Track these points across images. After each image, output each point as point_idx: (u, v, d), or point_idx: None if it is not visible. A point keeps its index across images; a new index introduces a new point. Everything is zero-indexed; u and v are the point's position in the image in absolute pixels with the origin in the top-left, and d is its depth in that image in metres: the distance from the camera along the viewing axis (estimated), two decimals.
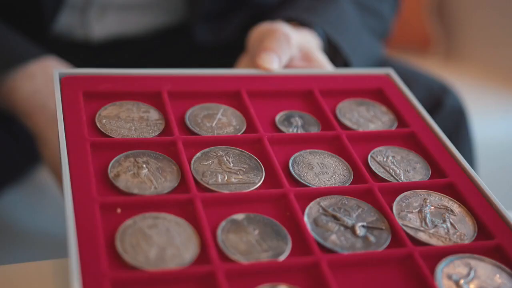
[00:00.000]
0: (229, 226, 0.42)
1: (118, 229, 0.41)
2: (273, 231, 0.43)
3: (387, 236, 0.44)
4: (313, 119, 0.54)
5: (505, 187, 1.13)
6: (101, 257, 0.38)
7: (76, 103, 0.50)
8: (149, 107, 0.51)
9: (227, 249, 0.41)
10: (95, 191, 0.43)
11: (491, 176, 1.02)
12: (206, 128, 0.51)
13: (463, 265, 0.42)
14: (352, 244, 0.43)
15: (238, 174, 0.47)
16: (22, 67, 0.68)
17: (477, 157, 0.89)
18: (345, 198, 0.46)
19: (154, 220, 0.42)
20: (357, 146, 0.52)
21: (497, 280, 0.41)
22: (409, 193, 0.48)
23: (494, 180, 1.07)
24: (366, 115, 0.55)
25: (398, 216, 0.45)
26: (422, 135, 0.53)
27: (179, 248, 0.40)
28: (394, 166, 0.50)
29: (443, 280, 0.41)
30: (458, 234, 0.45)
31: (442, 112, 0.77)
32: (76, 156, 0.45)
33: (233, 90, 0.54)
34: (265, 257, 0.41)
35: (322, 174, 0.48)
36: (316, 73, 0.58)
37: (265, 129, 0.51)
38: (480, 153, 1.04)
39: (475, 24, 1.49)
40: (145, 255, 0.39)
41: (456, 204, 0.47)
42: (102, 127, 0.49)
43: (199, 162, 0.47)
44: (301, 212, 0.44)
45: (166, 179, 0.45)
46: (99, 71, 0.53)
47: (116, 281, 0.37)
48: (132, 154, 0.47)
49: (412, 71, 0.82)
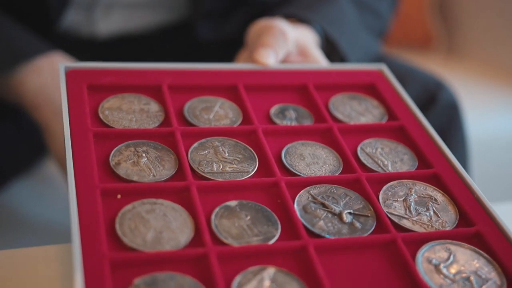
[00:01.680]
0: (223, 212, 0.45)
1: (117, 213, 0.43)
2: (264, 217, 0.45)
3: (372, 223, 0.46)
4: (307, 112, 0.56)
5: (498, 182, 1.15)
6: (101, 239, 0.41)
7: (80, 95, 0.52)
8: (150, 100, 0.54)
9: (219, 233, 0.43)
10: (97, 178, 0.45)
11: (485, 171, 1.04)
12: (204, 120, 0.53)
13: (443, 250, 0.45)
14: (338, 230, 0.45)
15: (233, 163, 0.49)
16: (29, 62, 0.70)
17: (472, 152, 0.91)
18: (334, 187, 0.49)
19: (152, 205, 0.44)
20: (348, 138, 0.54)
21: (475, 264, 0.44)
22: (395, 182, 0.50)
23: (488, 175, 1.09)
24: (358, 108, 0.58)
25: (383, 204, 0.48)
26: (410, 128, 0.55)
27: (175, 231, 0.43)
28: (382, 157, 0.53)
29: (424, 264, 0.43)
30: (440, 221, 0.47)
31: (436, 107, 0.80)
32: (80, 145, 0.48)
33: (231, 84, 0.57)
34: (255, 241, 0.43)
35: (313, 164, 0.51)
36: (310, 68, 0.61)
37: (260, 121, 0.54)
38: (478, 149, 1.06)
39: (477, 22, 1.50)
40: (143, 237, 0.42)
41: (439, 194, 0.50)
42: (105, 118, 0.51)
43: (196, 152, 0.50)
44: (291, 200, 0.47)
45: (164, 168, 0.48)
46: (102, 65, 0.55)
47: (115, 262, 0.40)
48: (132, 143, 0.49)
49: (408, 68, 0.84)
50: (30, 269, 0.48)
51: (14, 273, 0.48)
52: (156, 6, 0.87)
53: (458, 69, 1.45)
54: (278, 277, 0.41)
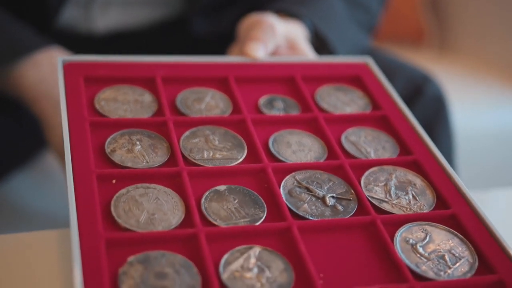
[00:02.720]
0: (212, 196, 0.48)
1: (113, 197, 0.46)
2: (251, 200, 0.48)
3: (354, 206, 0.49)
4: (294, 103, 0.59)
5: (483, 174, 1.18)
6: (97, 221, 0.44)
7: (78, 87, 0.55)
8: (144, 91, 0.56)
9: (209, 215, 0.46)
10: (93, 164, 0.48)
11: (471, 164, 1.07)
12: (195, 110, 0.56)
13: (420, 231, 0.47)
14: (321, 212, 0.48)
15: (223, 150, 0.52)
16: (29, 56, 0.72)
17: (460, 145, 0.94)
18: (318, 173, 0.51)
19: (145, 189, 0.47)
20: (333, 127, 0.57)
21: (450, 244, 0.46)
22: (377, 168, 0.53)
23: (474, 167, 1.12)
24: (343, 99, 0.60)
25: (365, 188, 0.50)
26: (393, 118, 0.58)
27: (167, 213, 0.45)
28: (365, 145, 0.55)
29: (401, 244, 0.46)
30: (418, 204, 0.50)
31: (422, 100, 0.82)
32: (77, 134, 0.50)
33: (222, 76, 0.60)
34: (242, 222, 0.46)
35: (299, 151, 0.53)
36: (298, 61, 0.63)
37: (249, 111, 0.56)
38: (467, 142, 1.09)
39: (469, 18, 1.53)
40: (136, 219, 0.45)
41: (419, 179, 0.52)
42: (101, 108, 0.54)
43: (188, 140, 0.52)
44: (277, 185, 0.49)
45: (157, 155, 0.50)
46: (98, 58, 0.58)
47: (110, 241, 0.43)
48: (127, 132, 0.52)
49: (396, 61, 0.86)
50: (29, 253, 0.51)
51: (13, 257, 0.50)
52: (153, 2, 0.90)
53: (450, 64, 1.47)
54: (263, 256, 0.43)
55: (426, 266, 0.44)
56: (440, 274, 0.44)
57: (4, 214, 0.87)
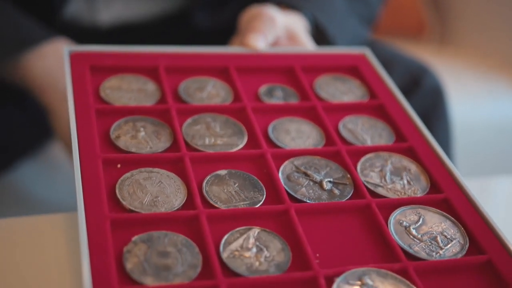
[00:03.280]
0: (213, 180, 0.49)
1: (117, 180, 0.48)
2: (251, 184, 0.50)
3: (350, 190, 0.51)
4: (293, 92, 0.61)
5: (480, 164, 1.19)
6: (103, 203, 0.45)
7: (83, 76, 0.57)
8: (148, 80, 0.58)
9: (210, 198, 0.48)
10: (98, 149, 0.50)
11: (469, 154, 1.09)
12: (197, 98, 0.58)
13: (413, 214, 0.49)
14: (318, 196, 0.50)
15: (223, 137, 0.54)
16: (35, 47, 0.74)
17: (457, 136, 0.95)
18: (316, 159, 0.53)
19: (148, 173, 0.49)
20: (331, 115, 0.58)
21: (442, 226, 0.48)
22: (373, 154, 0.54)
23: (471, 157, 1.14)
24: (341, 88, 0.62)
25: (361, 173, 0.52)
26: (389, 107, 0.60)
27: (169, 196, 0.47)
28: (362, 133, 0.57)
29: (395, 226, 0.48)
30: (412, 189, 0.52)
31: (420, 91, 0.84)
32: (83, 121, 0.52)
33: (223, 66, 0.61)
34: (242, 205, 0.48)
35: (297, 138, 0.55)
36: (297, 51, 0.65)
37: (249, 99, 0.58)
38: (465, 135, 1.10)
39: (470, 12, 1.54)
40: (140, 201, 0.46)
41: (413, 165, 0.54)
42: (106, 96, 0.56)
43: (190, 127, 0.54)
44: (276, 170, 0.51)
45: (160, 140, 0.52)
46: (104, 48, 0.60)
47: (115, 221, 0.44)
48: (131, 119, 0.54)
49: (394, 53, 0.88)
50: (37, 235, 0.53)
51: (22, 238, 0.52)
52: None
53: (450, 58, 1.49)
54: (262, 236, 0.45)
55: (418, 247, 0.46)
56: (432, 255, 0.46)
57: (11, 202, 0.89)
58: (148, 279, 0.41)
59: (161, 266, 0.42)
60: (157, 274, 0.41)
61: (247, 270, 0.42)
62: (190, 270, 0.42)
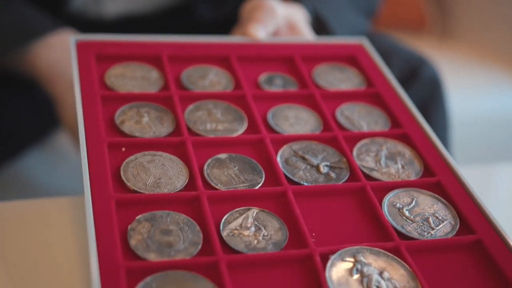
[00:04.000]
0: (214, 163, 0.51)
1: (122, 163, 0.50)
2: (250, 167, 0.52)
3: (346, 174, 0.52)
4: (292, 80, 0.62)
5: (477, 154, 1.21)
6: (108, 184, 0.47)
7: (89, 64, 0.59)
8: (151, 68, 0.60)
9: (211, 180, 0.50)
10: (104, 134, 0.52)
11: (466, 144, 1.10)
12: (199, 86, 0.59)
13: (406, 196, 0.51)
14: (315, 179, 0.52)
15: (224, 123, 0.56)
16: (42, 38, 0.76)
17: (456, 129, 0.97)
18: (313, 144, 0.55)
19: (152, 156, 0.51)
20: (329, 102, 0.60)
21: (434, 208, 0.50)
22: (368, 140, 0.56)
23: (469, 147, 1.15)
24: (339, 77, 0.64)
25: (357, 158, 0.54)
26: (385, 94, 0.62)
27: (172, 178, 0.49)
28: (359, 119, 0.59)
29: (389, 208, 0.50)
30: (406, 173, 0.53)
31: (418, 82, 0.85)
32: (89, 107, 0.54)
33: (224, 55, 0.63)
34: (242, 187, 0.50)
35: (296, 124, 0.57)
36: (297, 41, 0.67)
37: (250, 87, 0.60)
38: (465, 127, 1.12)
39: (471, 5, 1.55)
40: (144, 182, 0.48)
41: (408, 150, 0.56)
42: (111, 84, 0.58)
43: (192, 113, 0.56)
44: (275, 154, 0.53)
45: (164, 126, 0.54)
46: (109, 38, 0.62)
47: (120, 201, 0.46)
48: (135, 105, 0.56)
49: (393, 44, 0.90)
50: (45, 217, 0.55)
51: (30, 220, 0.54)
52: None
53: (451, 51, 1.50)
54: (260, 216, 0.47)
55: (411, 227, 0.48)
56: (424, 235, 0.48)
57: (17, 190, 0.91)
58: (151, 255, 0.43)
59: (163, 243, 0.44)
60: (159, 251, 0.43)
61: (245, 248, 0.44)
62: (191, 247, 0.44)
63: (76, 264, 0.48)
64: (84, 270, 0.48)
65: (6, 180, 0.91)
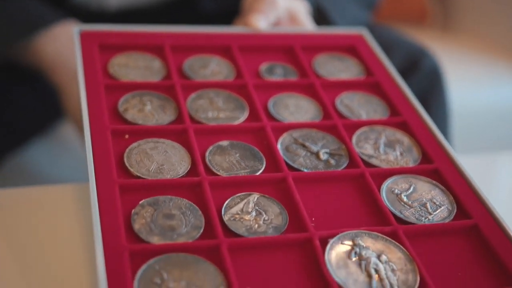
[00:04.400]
0: (215, 150, 0.52)
1: (125, 150, 0.51)
2: (251, 154, 0.53)
3: (345, 161, 0.53)
4: (293, 70, 0.63)
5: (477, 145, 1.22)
6: (112, 169, 0.48)
7: (93, 54, 0.60)
8: (154, 58, 0.61)
9: (212, 166, 0.51)
10: (107, 121, 0.53)
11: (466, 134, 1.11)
12: (201, 75, 0.60)
13: (405, 182, 0.52)
14: (315, 166, 0.53)
15: (226, 111, 0.57)
16: (46, 30, 0.77)
17: (457, 120, 0.98)
18: (313, 131, 0.56)
19: (155, 143, 0.52)
20: (329, 91, 0.61)
21: (432, 193, 0.51)
22: (367, 128, 0.57)
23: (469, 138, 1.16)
24: (339, 66, 0.65)
25: (356, 145, 0.55)
26: (384, 84, 0.62)
27: (174, 164, 0.50)
28: (358, 108, 0.60)
29: (387, 194, 0.50)
30: (404, 160, 0.54)
31: (418, 73, 0.86)
32: (93, 95, 0.55)
33: (226, 45, 0.64)
34: (243, 173, 0.51)
35: (296, 113, 0.58)
36: (297, 31, 0.68)
37: (251, 76, 0.61)
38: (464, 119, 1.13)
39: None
40: (147, 168, 0.49)
41: (406, 137, 0.57)
42: (114, 73, 0.59)
43: (194, 101, 0.57)
44: (275, 141, 0.54)
45: (166, 114, 0.55)
46: (112, 28, 0.63)
47: (123, 186, 0.47)
48: (138, 94, 0.57)
49: (394, 36, 0.90)
50: (50, 203, 0.56)
51: (35, 206, 0.55)
52: None
53: (452, 44, 1.51)
54: (261, 201, 0.48)
55: (409, 212, 0.49)
56: (421, 219, 0.49)
57: (22, 180, 0.92)
58: (154, 238, 0.44)
59: (166, 226, 0.45)
60: (162, 234, 0.44)
61: (246, 231, 0.45)
62: (193, 231, 0.45)
63: (81, 247, 0.49)
64: (89, 253, 0.49)
65: (10, 171, 0.92)
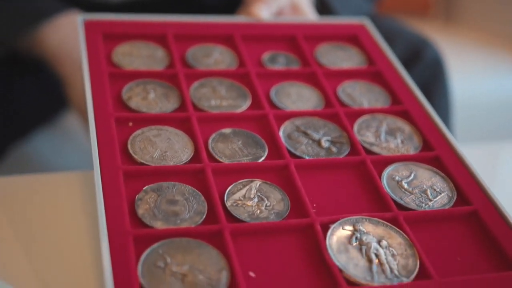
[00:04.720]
0: (218, 137, 0.53)
1: (129, 137, 0.51)
2: (254, 142, 0.53)
3: (346, 148, 0.54)
4: (295, 59, 0.64)
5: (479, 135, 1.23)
6: (116, 156, 0.49)
7: (97, 43, 0.60)
8: (157, 47, 0.62)
9: (215, 153, 0.51)
10: (112, 109, 0.53)
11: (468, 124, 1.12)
12: (204, 64, 0.61)
13: (405, 170, 0.52)
14: (317, 153, 0.53)
15: (229, 99, 0.57)
16: (50, 20, 0.78)
17: (459, 111, 0.98)
18: (315, 119, 0.56)
19: (158, 131, 0.52)
20: (331, 80, 0.61)
21: (432, 180, 0.51)
22: (369, 116, 0.58)
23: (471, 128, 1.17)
24: (341, 55, 0.65)
25: (358, 133, 0.55)
26: (386, 73, 0.63)
27: (177, 151, 0.51)
28: (360, 97, 0.60)
29: (388, 180, 0.51)
30: (405, 147, 0.55)
31: (421, 63, 0.87)
32: (97, 84, 0.56)
33: (228, 34, 0.65)
34: (245, 160, 0.51)
35: (298, 101, 0.58)
36: (300, 21, 0.68)
37: (253, 65, 0.61)
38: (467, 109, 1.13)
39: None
40: (151, 155, 0.50)
41: (407, 126, 0.57)
42: (118, 61, 0.59)
43: (197, 90, 0.58)
44: (277, 129, 0.54)
45: (169, 102, 0.56)
46: (116, 17, 0.63)
47: (127, 173, 0.48)
48: (142, 82, 0.57)
49: (396, 26, 0.91)
50: (55, 190, 0.57)
51: (40, 194, 0.56)
52: None
53: (455, 35, 1.51)
54: (263, 187, 0.49)
55: (409, 199, 0.50)
56: (422, 206, 0.49)
57: (26, 170, 0.93)
58: (158, 223, 0.45)
59: (169, 212, 0.45)
60: (166, 219, 0.45)
61: (249, 217, 0.46)
62: (196, 216, 0.45)
63: (86, 232, 0.50)
64: (94, 237, 0.49)
65: (15, 161, 0.93)
